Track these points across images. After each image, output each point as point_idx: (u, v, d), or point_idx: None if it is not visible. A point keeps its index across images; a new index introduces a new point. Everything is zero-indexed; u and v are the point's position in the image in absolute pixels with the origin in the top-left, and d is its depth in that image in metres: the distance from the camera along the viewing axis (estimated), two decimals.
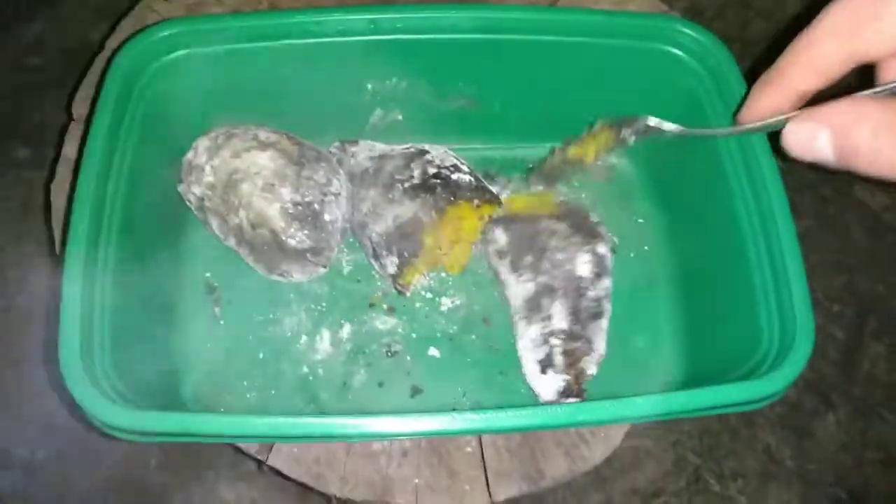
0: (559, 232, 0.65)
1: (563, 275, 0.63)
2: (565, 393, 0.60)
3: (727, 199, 0.62)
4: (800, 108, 0.44)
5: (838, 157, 0.38)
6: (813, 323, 0.54)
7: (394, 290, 0.68)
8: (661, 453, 0.97)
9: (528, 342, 0.62)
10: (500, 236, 0.66)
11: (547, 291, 0.62)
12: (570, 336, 0.62)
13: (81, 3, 1.20)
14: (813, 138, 0.39)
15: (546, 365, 0.61)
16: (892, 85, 0.39)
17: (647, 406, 0.50)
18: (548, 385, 0.60)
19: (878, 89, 0.40)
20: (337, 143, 0.71)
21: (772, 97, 0.45)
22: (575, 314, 0.62)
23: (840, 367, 1.03)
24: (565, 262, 0.64)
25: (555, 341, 0.62)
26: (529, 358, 0.62)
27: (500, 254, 0.66)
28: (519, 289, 0.63)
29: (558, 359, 0.61)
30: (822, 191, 1.13)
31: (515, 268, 0.64)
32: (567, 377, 0.61)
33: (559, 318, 0.62)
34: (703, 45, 0.64)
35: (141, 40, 0.61)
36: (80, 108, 0.71)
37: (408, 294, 0.68)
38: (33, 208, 1.04)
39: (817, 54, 0.41)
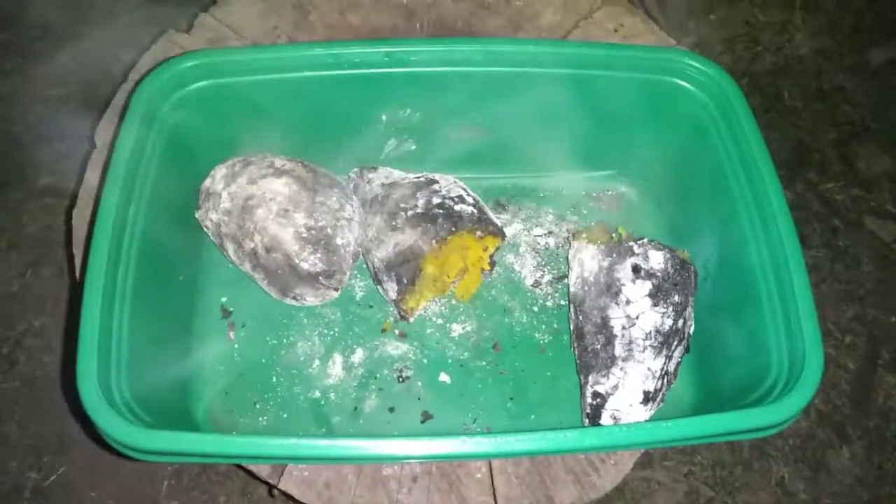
0: (692, 284, 0.65)
1: (687, 326, 0.64)
2: None
3: (736, 229, 0.62)
4: None
5: None
6: (822, 351, 0.54)
7: None
8: (673, 484, 0.96)
9: (646, 370, 0.61)
10: (658, 261, 0.63)
11: (677, 334, 0.63)
12: (672, 378, 0.64)
13: (104, 36, 1.23)
14: None
15: (650, 398, 0.61)
16: None
17: (656, 432, 0.50)
18: (640, 414, 0.61)
19: None
20: (355, 169, 0.73)
21: None
22: (679, 362, 0.64)
23: (853, 399, 1.02)
24: (689, 316, 0.65)
25: (668, 380, 0.63)
26: (637, 385, 0.61)
27: (648, 274, 0.63)
28: (655, 317, 0.62)
29: (661, 395, 0.62)
30: (832, 221, 1.13)
31: (660, 299, 0.62)
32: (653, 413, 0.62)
33: (675, 362, 0.63)
34: (710, 77, 0.66)
35: (163, 71, 0.63)
36: (102, 137, 0.73)
37: (411, 320, 0.68)
38: (54, 235, 1.06)
39: None
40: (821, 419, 1.01)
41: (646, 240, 0.65)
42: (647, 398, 0.61)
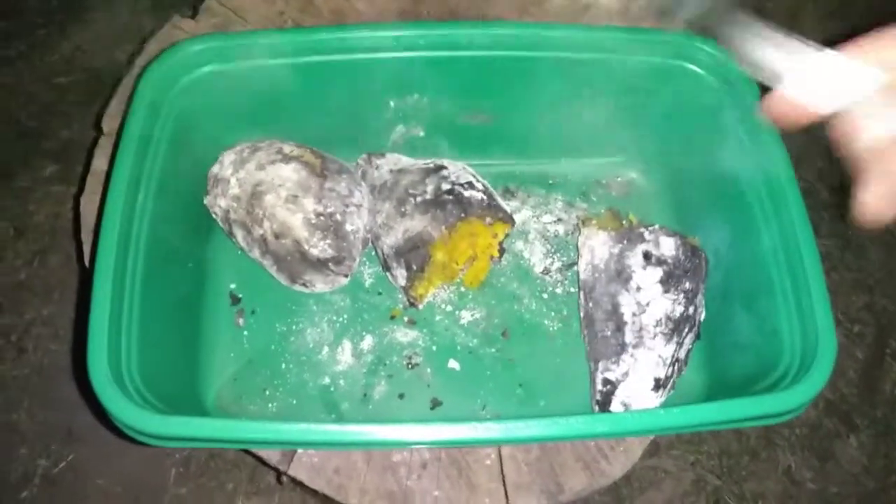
0: (703, 271, 0.65)
1: (698, 313, 0.64)
2: None
3: (747, 215, 0.62)
4: None
5: None
6: (835, 338, 0.54)
7: None
8: (681, 473, 0.96)
9: (657, 357, 0.60)
10: (669, 248, 0.63)
11: (687, 321, 0.62)
12: (683, 366, 0.63)
13: (109, 24, 1.23)
14: None
15: (661, 385, 0.60)
16: None
17: (667, 418, 0.50)
18: (650, 401, 0.60)
19: None
20: (364, 156, 0.72)
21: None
22: (690, 349, 0.64)
23: (861, 388, 1.02)
24: (700, 303, 0.64)
25: (679, 367, 0.62)
26: (647, 372, 0.60)
27: (659, 261, 0.62)
28: (666, 304, 0.61)
29: (671, 382, 0.62)
30: (841, 210, 1.13)
31: (671, 286, 0.62)
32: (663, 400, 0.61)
33: (685, 349, 0.63)
34: (719, 61, 0.65)
35: (170, 56, 0.63)
36: (110, 123, 0.73)
37: (420, 307, 0.68)
38: (61, 222, 1.06)
39: None
40: (828, 408, 1.01)
41: (657, 226, 0.64)
42: (658, 385, 0.60)
